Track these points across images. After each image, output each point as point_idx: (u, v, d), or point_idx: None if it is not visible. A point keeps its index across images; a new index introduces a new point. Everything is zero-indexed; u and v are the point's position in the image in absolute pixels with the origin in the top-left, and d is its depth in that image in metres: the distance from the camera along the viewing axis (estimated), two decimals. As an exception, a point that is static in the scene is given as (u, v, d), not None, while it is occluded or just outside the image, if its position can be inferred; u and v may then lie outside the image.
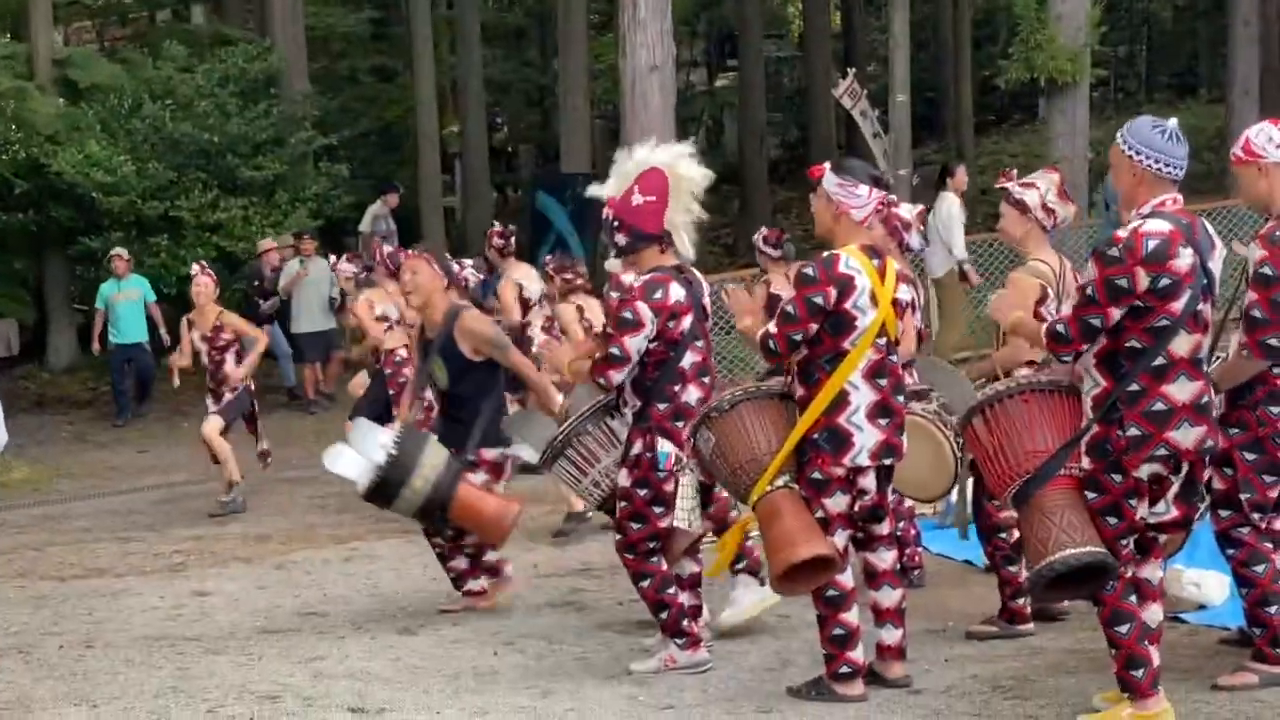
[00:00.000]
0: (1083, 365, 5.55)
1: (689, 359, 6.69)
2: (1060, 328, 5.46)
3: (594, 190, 7.15)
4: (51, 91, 20.17)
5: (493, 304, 11.94)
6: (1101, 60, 21.37)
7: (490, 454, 8.01)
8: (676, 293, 6.65)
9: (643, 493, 6.69)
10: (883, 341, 6.13)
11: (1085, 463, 5.49)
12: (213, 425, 12.10)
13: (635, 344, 6.57)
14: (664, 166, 6.70)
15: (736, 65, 31.94)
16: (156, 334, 17.35)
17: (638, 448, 6.67)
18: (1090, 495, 5.48)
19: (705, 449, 6.31)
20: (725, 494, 7.04)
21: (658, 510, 6.71)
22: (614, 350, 6.58)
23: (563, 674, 6.95)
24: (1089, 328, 5.40)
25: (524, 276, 11.79)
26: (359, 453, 7.81)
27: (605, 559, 9.02)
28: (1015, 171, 7.39)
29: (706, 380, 6.81)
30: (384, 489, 7.73)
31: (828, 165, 6.30)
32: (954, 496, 8.57)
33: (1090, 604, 5.71)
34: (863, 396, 6.07)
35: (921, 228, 7.84)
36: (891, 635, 6.41)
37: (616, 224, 6.68)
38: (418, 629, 8.00)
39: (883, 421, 6.11)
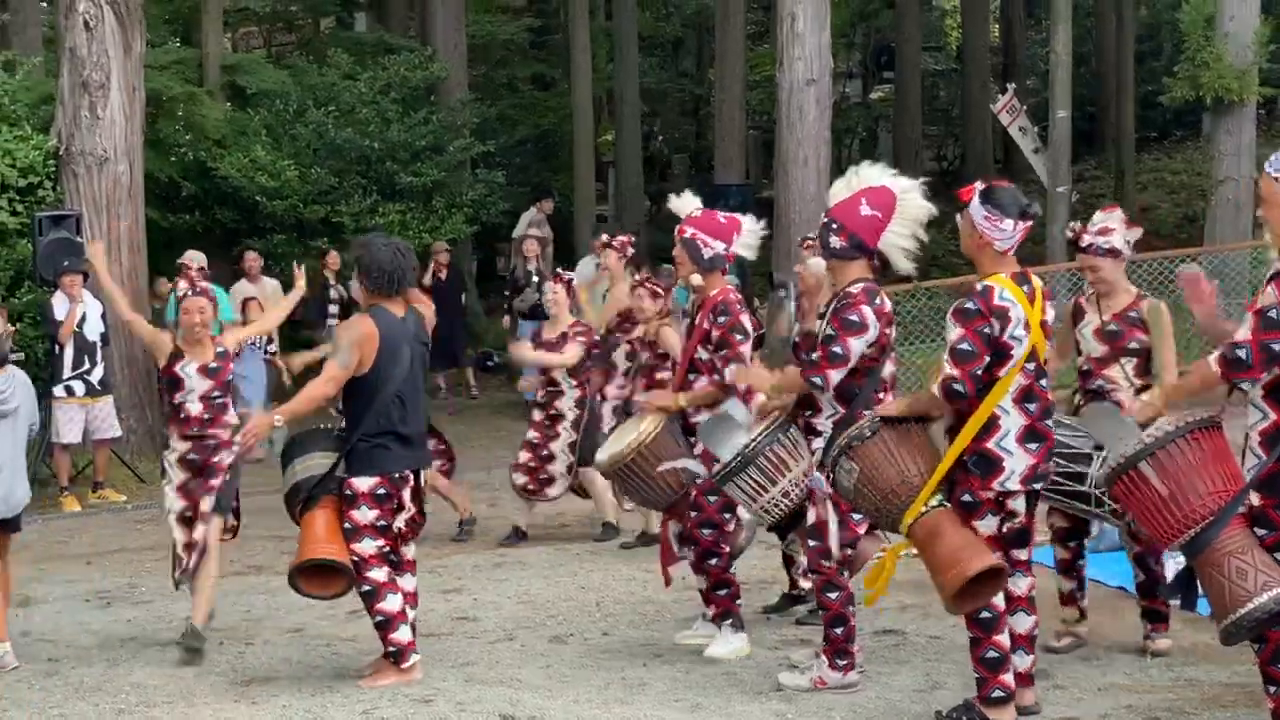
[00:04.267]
0: (1249, 398, 5.47)
1: (888, 368, 6.81)
2: (1241, 353, 5.30)
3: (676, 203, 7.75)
4: (220, 96, 20.66)
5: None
6: (1269, 78, 20.85)
7: (363, 484, 7.14)
8: (887, 302, 6.80)
9: None
10: (1032, 366, 6.12)
11: (1255, 499, 5.41)
12: None
13: (858, 346, 6.61)
14: (894, 189, 6.77)
15: (893, 78, 31.75)
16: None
17: None
18: (1260, 532, 5.40)
19: (848, 480, 6.19)
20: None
21: (856, 518, 6.75)
22: (837, 349, 6.58)
23: (711, 688, 6.98)
24: (1271, 353, 5.28)
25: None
26: None
27: (753, 575, 9.03)
28: (1079, 224, 7.44)
29: (895, 391, 6.95)
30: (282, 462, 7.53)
31: (978, 188, 6.23)
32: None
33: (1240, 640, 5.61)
34: (1012, 421, 6.05)
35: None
36: (1024, 661, 6.38)
37: (836, 227, 6.73)
38: (567, 637, 8.08)
39: (1032, 446, 6.08)
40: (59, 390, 13.19)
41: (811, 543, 6.83)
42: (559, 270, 11.72)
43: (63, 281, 13.19)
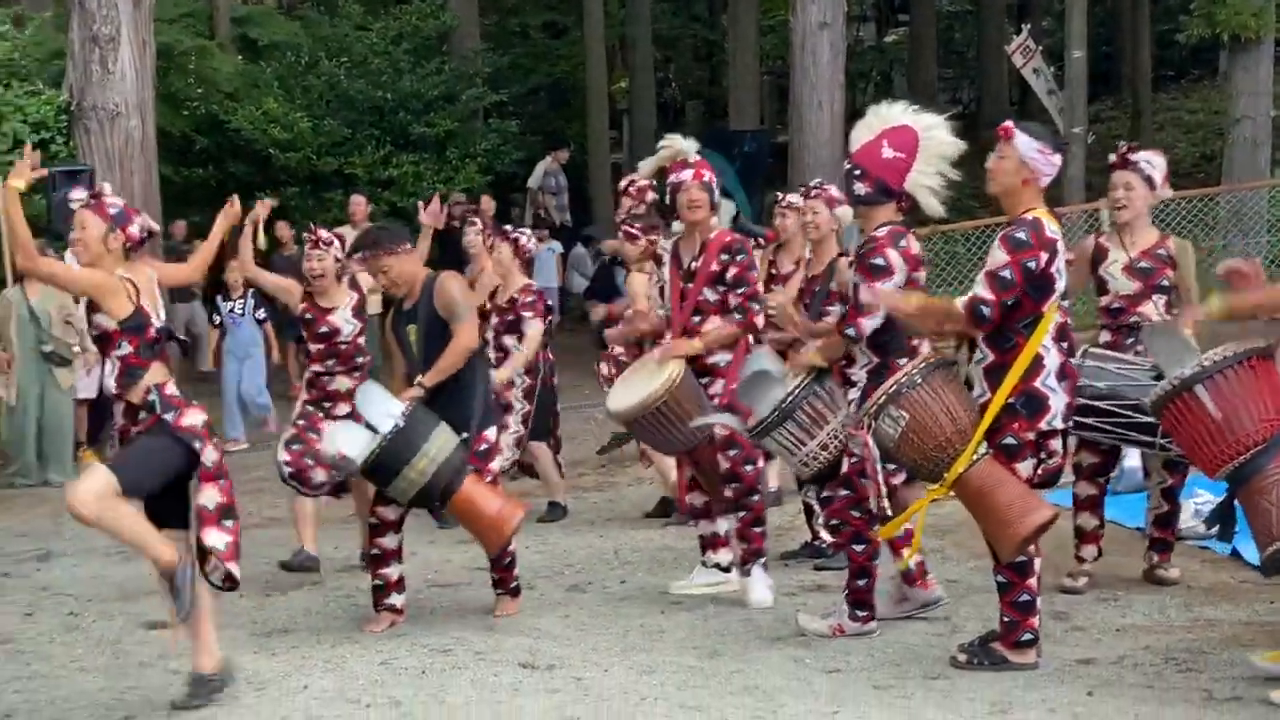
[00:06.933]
0: None
1: None
2: None
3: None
4: (231, 49, 20.62)
5: None
6: (1286, 14, 20.68)
7: (493, 433, 7.43)
8: (915, 244, 6.66)
9: None
10: (1067, 304, 6.11)
11: None
12: None
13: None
14: (916, 127, 6.61)
15: (907, 20, 31.55)
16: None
17: None
18: None
19: (894, 429, 6.00)
20: None
21: (891, 467, 6.59)
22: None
23: (729, 635, 6.99)
24: None
25: None
26: (366, 414, 7.16)
27: (771, 522, 9.01)
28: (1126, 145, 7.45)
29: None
30: (384, 467, 7.05)
31: (1018, 125, 6.12)
32: (1129, 462, 8.47)
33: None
34: (1053, 359, 6.01)
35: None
36: None
37: (860, 173, 6.59)
38: (586, 586, 8.09)
39: (1065, 384, 6.05)
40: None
41: (843, 492, 6.76)
42: (505, 229, 10.38)
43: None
